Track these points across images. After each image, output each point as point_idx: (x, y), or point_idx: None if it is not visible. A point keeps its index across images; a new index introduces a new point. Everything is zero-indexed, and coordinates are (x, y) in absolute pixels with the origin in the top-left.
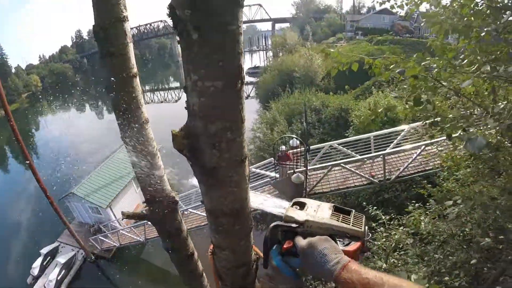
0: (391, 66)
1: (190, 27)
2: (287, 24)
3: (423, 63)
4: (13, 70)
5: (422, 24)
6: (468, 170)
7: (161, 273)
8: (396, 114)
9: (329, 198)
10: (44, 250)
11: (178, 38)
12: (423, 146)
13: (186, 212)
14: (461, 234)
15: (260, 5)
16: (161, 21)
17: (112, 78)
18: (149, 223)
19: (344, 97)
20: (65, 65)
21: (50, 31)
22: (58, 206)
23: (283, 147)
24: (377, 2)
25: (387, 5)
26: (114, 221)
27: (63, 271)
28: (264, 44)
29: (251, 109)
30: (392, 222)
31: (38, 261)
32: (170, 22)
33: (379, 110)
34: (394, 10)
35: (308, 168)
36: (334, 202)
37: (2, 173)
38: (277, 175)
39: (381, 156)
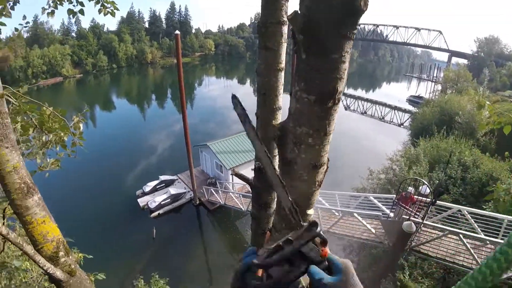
0: None
1: (301, 48)
2: (465, 61)
3: None
4: (193, 31)
5: None
6: None
7: (244, 243)
8: None
9: (431, 265)
10: (162, 177)
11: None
12: None
13: None
14: None
15: (440, 32)
16: None
17: (261, 66)
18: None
19: (499, 164)
20: (239, 40)
21: (232, 8)
22: (191, 151)
23: (411, 189)
24: None
25: None
26: (229, 183)
27: (169, 199)
28: (435, 75)
29: (398, 139)
30: None
31: (154, 182)
32: None
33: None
34: None
35: (425, 222)
36: (434, 273)
37: (158, 107)
38: (391, 214)
39: None
